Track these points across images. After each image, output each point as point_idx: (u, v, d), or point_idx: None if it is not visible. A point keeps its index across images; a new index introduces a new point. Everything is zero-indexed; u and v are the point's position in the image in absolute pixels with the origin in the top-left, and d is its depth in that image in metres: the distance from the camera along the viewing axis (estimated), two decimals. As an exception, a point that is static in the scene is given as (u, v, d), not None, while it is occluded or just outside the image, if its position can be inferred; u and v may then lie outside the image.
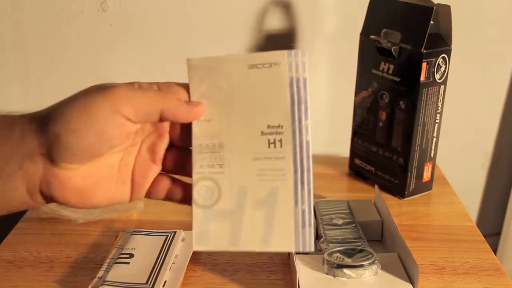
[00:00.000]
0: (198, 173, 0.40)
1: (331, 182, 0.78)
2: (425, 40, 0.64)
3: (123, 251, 0.57)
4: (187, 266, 0.56)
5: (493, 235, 0.96)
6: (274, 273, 0.57)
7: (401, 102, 0.69)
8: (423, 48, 0.65)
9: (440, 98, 0.69)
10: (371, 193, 0.72)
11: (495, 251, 0.94)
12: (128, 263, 0.55)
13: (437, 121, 0.71)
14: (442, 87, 0.69)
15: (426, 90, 0.67)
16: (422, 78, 0.66)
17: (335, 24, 0.83)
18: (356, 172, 0.79)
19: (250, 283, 0.55)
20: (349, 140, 0.79)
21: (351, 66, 0.75)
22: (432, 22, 0.64)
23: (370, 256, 0.53)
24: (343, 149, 0.84)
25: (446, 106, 0.70)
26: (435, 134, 0.71)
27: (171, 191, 0.42)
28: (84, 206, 0.39)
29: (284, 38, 0.84)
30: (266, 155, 0.39)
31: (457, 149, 0.92)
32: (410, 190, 0.72)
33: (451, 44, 0.67)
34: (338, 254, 0.53)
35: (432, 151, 0.72)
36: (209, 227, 0.40)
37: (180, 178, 0.42)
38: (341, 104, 0.84)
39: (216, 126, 0.40)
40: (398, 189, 0.73)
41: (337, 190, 0.76)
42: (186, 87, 0.40)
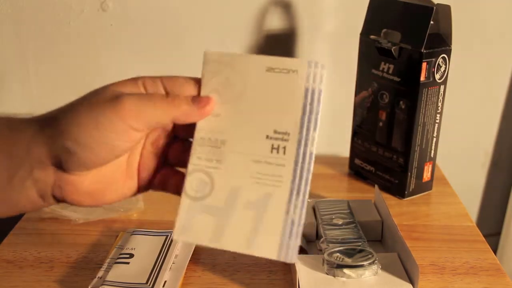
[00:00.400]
0: (194, 165, 0.40)
1: (331, 182, 0.78)
2: (425, 40, 0.64)
3: (123, 251, 0.57)
4: (187, 266, 0.56)
5: (493, 235, 0.96)
6: (274, 273, 0.57)
7: (401, 102, 0.69)
8: (423, 48, 0.65)
9: (440, 98, 0.69)
10: (371, 193, 0.72)
11: (495, 251, 0.94)
12: (128, 263, 0.55)
13: (437, 121, 0.71)
14: (442, 87, 0.69)
15: (426, 90, 0.67)
16: (422, 78, 0.66)
17: (335, 24, 0.83)
18: (356, 172, 0.79)
19: (250, 283, 0.55)
20: (349, 140, 0.79)
21: (351, 66, 0.75)
22: (432, 22, 0.64)
23: (370, 256, 0.53)
24: (343, 149, 0.84)
25: (446, 106, 0.70)
26: (435, 134, 0.71)
27: (176, 184, 0.42)
28: (98, 205, 0.40)
29: (284, 38, 0.84)
30: (267, 160, 0.39)
31: (457, 149, 0.92)
32: (410, 190, 0.72)
33: (451, 44, 0.67)
34: (338, 254, 0.53)
35: (432, 151, 0.72)
36: (194, 219, 0.39)
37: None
38: (341, 104, 0.84)
39: (223, 122, 0.39)
40: (398, 189, 0.73)
41: (337, 190, 0.76)
42: (194, 80, 0.40)
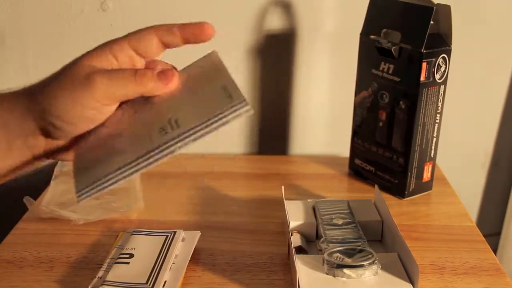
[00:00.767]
0: None
1: (331, 182, 0.78)
2: (425, 40, 0.64)
3: (123, 251, 0.57)
4: (187, 266, 0.56)
5: (493, 235, 0.96)
6: (274, 273, 0.57)
7: (401, 102, 0.69)
8: (423, 48, 0.65)
9: (440, 98, 0.69)
10: (371, 193, 0.72)
11: (495, 251, 0.94)
12: (128, 263, 0.55)
13: (437, 121, 0.71)
14: (442, 87, 0.69)
15: (426, 90, 0.67)
16: (422, 78, 0.66)
17: (335, 24, 0.83)
18: (356, 172, 0.79)
19: (250, 283, 0.55)
20: (349, 140, 0.79)
21: (351, 66, 0.75)
22: (432, 22, 0.64)
23: (370, 256, 0.53)
24: (343, 149, 0.84)
25: (446, 106, 0.70)
26: (435, 134, 0.71)
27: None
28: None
29: (284, 38, 0.84)
30: (152, 132, 0.41)
31: (457, 149, 0.92)
32: (410, 190, 0.72)
33: (451, 44, 0.67)
34: (338, 254, 0.53)
35: (432, 151, 0.72)
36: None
37: None
38: (341, 104, 0.84)
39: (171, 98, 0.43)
40: (398, 189, 0.73)
41: (337, 190, 0.76)
42: (155, 33, 0.44)
